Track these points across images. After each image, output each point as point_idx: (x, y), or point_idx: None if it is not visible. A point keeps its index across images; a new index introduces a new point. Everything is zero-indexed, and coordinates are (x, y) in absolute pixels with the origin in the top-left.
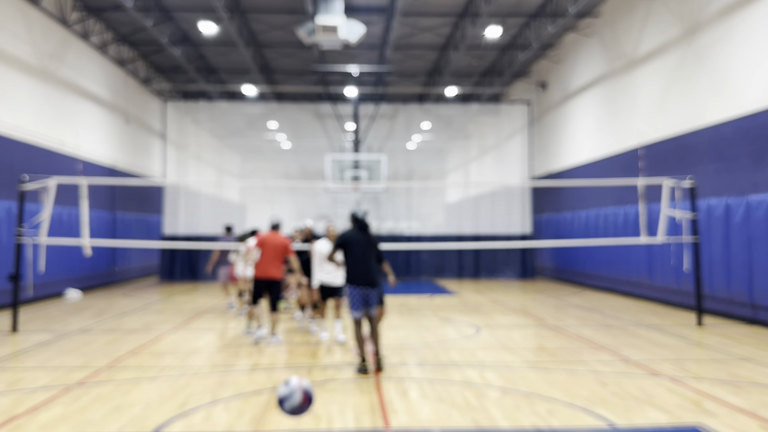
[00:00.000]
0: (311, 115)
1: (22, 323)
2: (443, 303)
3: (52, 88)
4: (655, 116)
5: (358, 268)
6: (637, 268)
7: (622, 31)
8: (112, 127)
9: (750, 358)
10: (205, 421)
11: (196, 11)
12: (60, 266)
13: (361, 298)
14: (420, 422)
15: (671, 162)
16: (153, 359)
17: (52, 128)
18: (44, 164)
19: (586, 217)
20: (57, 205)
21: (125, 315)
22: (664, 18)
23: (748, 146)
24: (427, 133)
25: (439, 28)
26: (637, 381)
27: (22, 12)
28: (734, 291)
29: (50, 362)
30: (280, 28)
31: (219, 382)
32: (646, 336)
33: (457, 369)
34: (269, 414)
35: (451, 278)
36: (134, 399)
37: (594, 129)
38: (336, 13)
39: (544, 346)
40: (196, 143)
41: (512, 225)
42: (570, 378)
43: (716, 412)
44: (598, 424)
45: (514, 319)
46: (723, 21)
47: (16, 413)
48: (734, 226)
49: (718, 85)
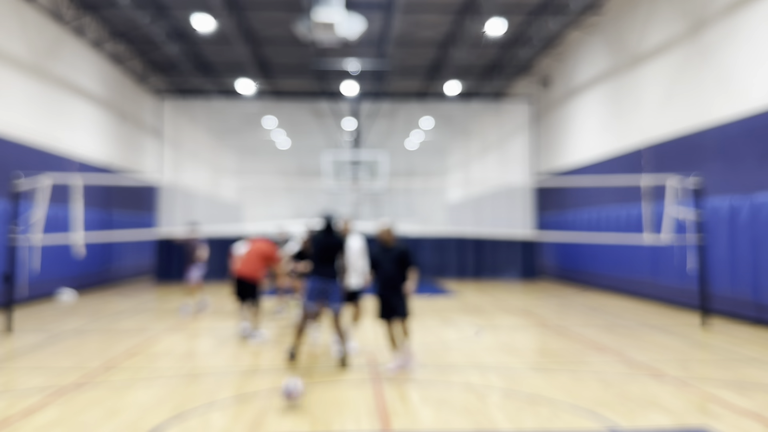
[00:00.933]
0: (309, 112)
1: (16, 323)
2: (444, 304)
3: (47, 86)
4: (660, 114)
5: (318, 264)
6: (642, 268)
7: (626, 28)
8: (107, 125)
9: (755, 359)
10: (201, 424)
11: (193, 7)
12: (55, 266)
13: (318, 291)
14: (421, 425)
15: (676, 161)
16: (148, 361)
17: (46, 126)
18: (38, 163)
19: (589, 217)
20: (51, 204)
21: (120, 315)
22: (669, 15)
23: (753, 145)
24: (428, 131)
25: (439, 24)
26: (641, 383)
27: (16, 9)
28: (739, 291)
29: (45, 363)
30: (277, 25)
31: (215, 384)
32: (651, 337)
33: (458, 371)
34: (266, 417)
35: (453, 278)
36: (129, 401)
37: (598, 127)
38: (334, 8)
39: (546, 347)
40: (192, 141)
41: (515, 225)
42: (573, 380)
43: (721, 415)
44: (601, 426)
45: (517, 320)
46: (728, 18)
47: (10, 414)
48: (739, 226)
49: (723, 83)
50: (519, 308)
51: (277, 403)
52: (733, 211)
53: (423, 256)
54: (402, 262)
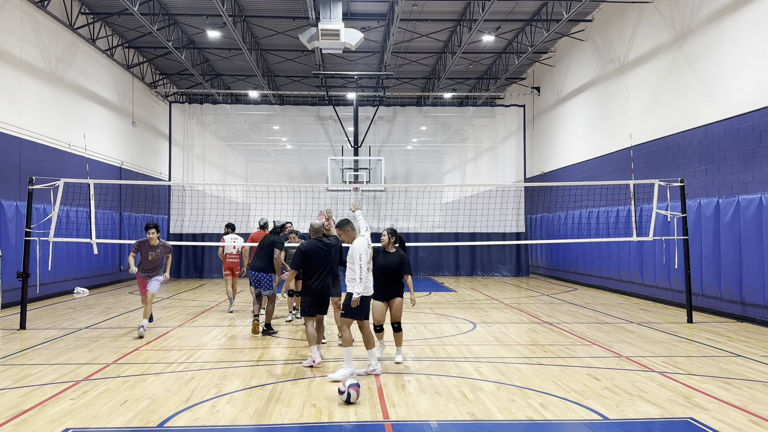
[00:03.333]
0: (313, 117)
1: (30, 320)
2: (440, 300)
3: (60, 91)
4: (647, 118)
5: (255, 259)
6: (629, 266)
7: (614, 36)
8: (119, 129)
9: (740, 354)
10: (210, 414)
11: (201, 16)
12: (67, 264)
13: (255, 279)
14: (418, 415)
15: (662, 163)
16: (159, 355)
17: (60, 130)
18: (52, 165)
19: (578, 217)
20: (64, 205)
21: (132, 312)
22: (656, 23)
23: (737, 147)
24: (425, 136)
25: (436, 34)
26: (629, 376)
27: (30, 16)
28: (724, 289)
29: (58, 358)
30: (282, 33)
31: (223, 376)
32: (638, 332)
33: (453, 364)
34: (273, 407)
35: (448, 276)
36: (140, 393)
37: (587, 131)
38: (337, 18)
39: (538, 341)
40: (201, 145)
41: (507, 224)
42: (563, 372)
43: (707, 407)
44: (590, 417)
45: (509, 315)
46: (713, 25)
47: (24, 408)
48: (724, 226)
49: (708, 88)
50: (511, 304)
51: (282, 393)
52: (717, 211)
53: (420, 254)
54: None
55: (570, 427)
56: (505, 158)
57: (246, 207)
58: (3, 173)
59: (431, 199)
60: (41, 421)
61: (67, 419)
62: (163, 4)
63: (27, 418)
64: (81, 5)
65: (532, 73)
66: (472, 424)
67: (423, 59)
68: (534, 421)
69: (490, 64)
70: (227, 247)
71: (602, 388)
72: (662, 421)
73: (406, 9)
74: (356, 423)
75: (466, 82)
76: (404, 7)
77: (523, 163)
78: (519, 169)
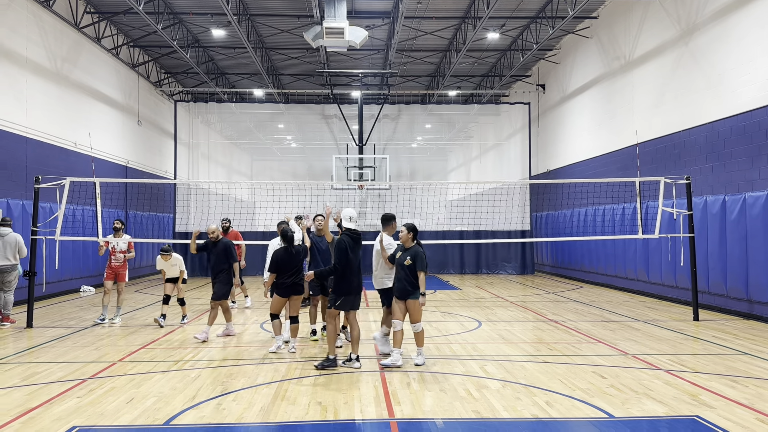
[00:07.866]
0: (318, 116)
1: (36, 319)
2: (446, 298)
3: (66, 90)
4: (652, 115)
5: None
6: (634, 264)
7: (619, 33)
8: (124, 128)
9: (746, 351)
10: (216, 412)
11: (206, 15)
12: (74, 263)
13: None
14: (423, 413)
15: (668, 160)
16: (165, 353)
17: (66, 129)
18: (58, 164)
19: (584, 214)
20: (70, 203)
21: (138, 310)
22: (661, 19)
23: (743, 144)
24: (430, 133)
25: (441, 31)
26: (634, 374)
27: (35, 16)
28: (730, 286)
29: (64, 357)
30: (287, 32)
31: (229, 374)
32: (644, 330)
33: (459, 362)
34: (279, 405)
35: (454, 274)
36: (146, 391)
37: (592, 128)
38: (341, 17)
39: (543, 339)
40: (206, 143)
41: (512, 222)
42: (569, 370)
43: (713, 405)
44: (596, 415)
45: (515, 313)
46: (719, 22)
47: (31, 406)
48: (730, 223)
49: (714, 85)
50: (517, 302)
51: (288, 392)
52: (723, 209)
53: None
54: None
55: (576, 426)
56: (510, 156)
57: (251, 205)
58: (9, 172)
59: (436, 197)
60: (48, 419)
61: (73, 417)
62: (168, 3)
63: (34, 416)
64: (86, 4)
65: (537, 71)
66: (477, 422)
67: (427, 57)
68: (539, 419)
69: (495, 61)
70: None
71: (608, 386)
72: (668, 419)
73: (410, 6)
74: (362, 421)
75: (471, 79)
76: (409, 4)
77: (528, 161)
78: (524, 166)
